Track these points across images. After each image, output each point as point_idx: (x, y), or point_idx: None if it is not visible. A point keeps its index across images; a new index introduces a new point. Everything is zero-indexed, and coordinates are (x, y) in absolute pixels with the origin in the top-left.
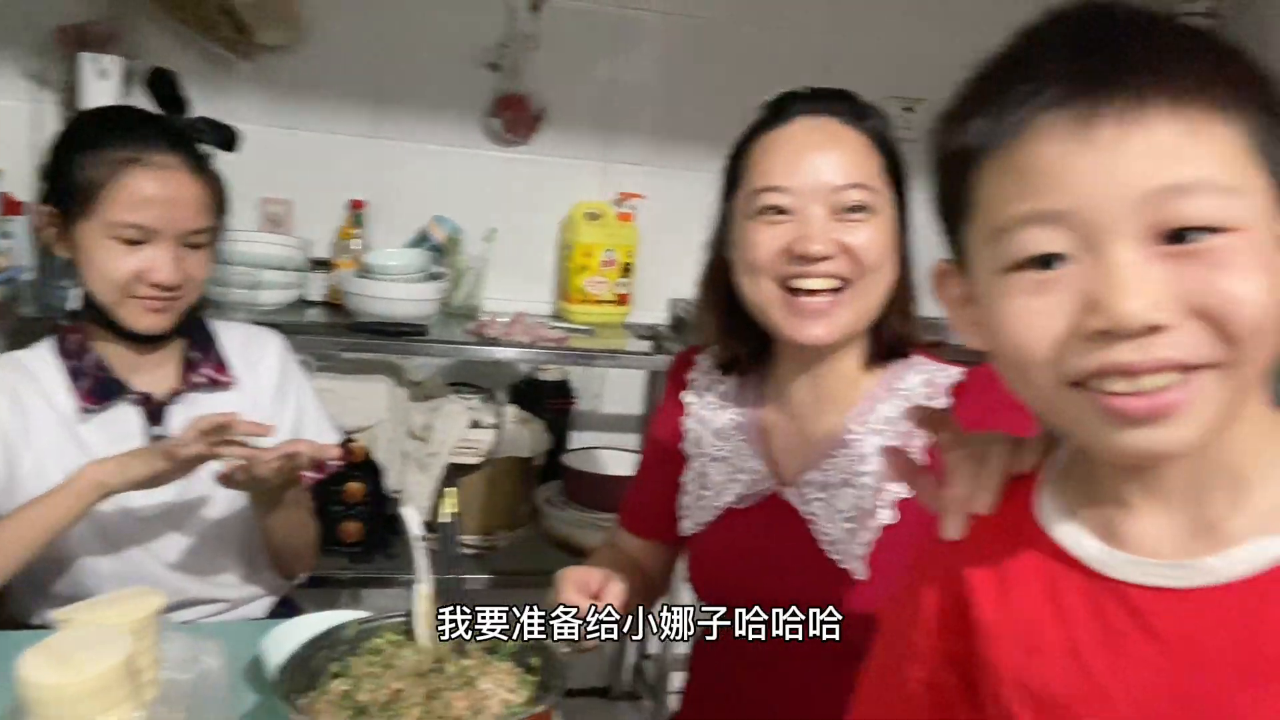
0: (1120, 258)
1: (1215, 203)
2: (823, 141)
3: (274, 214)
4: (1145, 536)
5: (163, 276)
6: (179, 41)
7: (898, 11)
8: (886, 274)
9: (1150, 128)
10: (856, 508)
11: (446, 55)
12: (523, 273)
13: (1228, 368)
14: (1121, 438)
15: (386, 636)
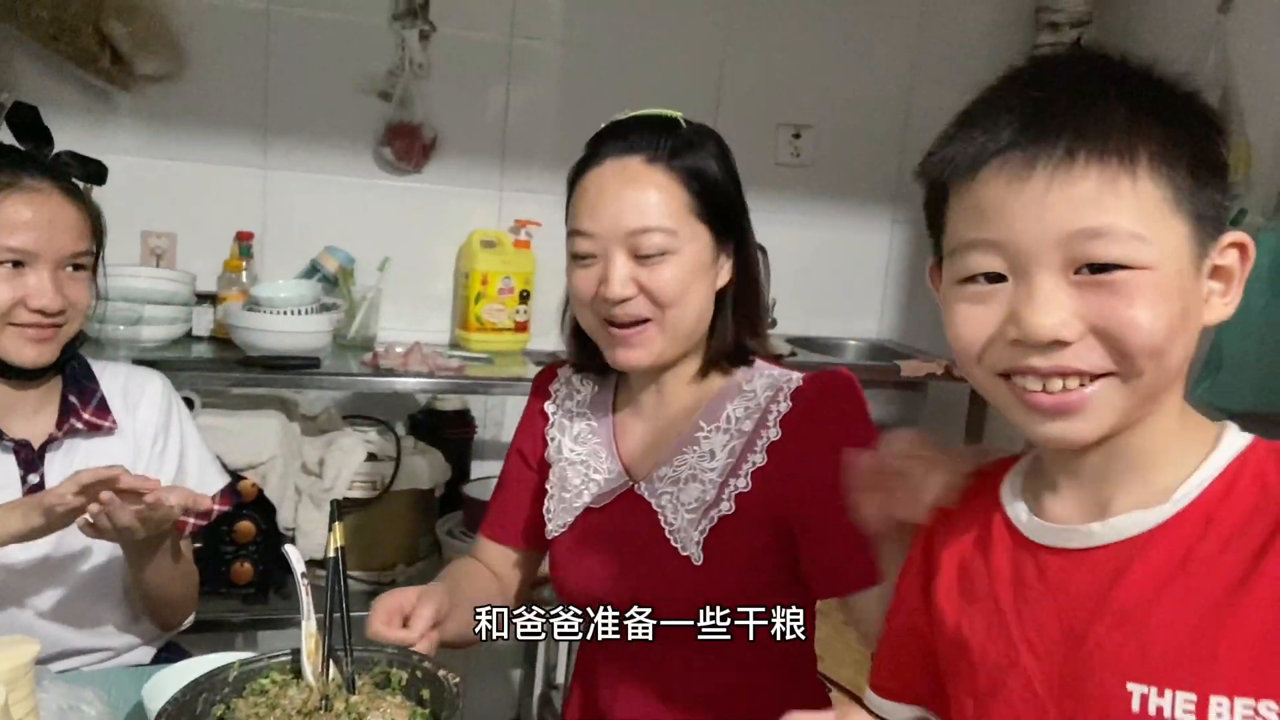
0: (1040, 284)
1: (1124, 247)
2: (622, 186)
3: (157, 247)
4: (1060, 510)
5: (45, 301)
6: (56, 74)
7: (787, 42)
8: (692, 303)
9: (1075, 181)
10: (700, 500)
11: (336, 84)
12: (419, 302)
13: (1124, 378)
14: (1036, 426)
15: (272, 676)
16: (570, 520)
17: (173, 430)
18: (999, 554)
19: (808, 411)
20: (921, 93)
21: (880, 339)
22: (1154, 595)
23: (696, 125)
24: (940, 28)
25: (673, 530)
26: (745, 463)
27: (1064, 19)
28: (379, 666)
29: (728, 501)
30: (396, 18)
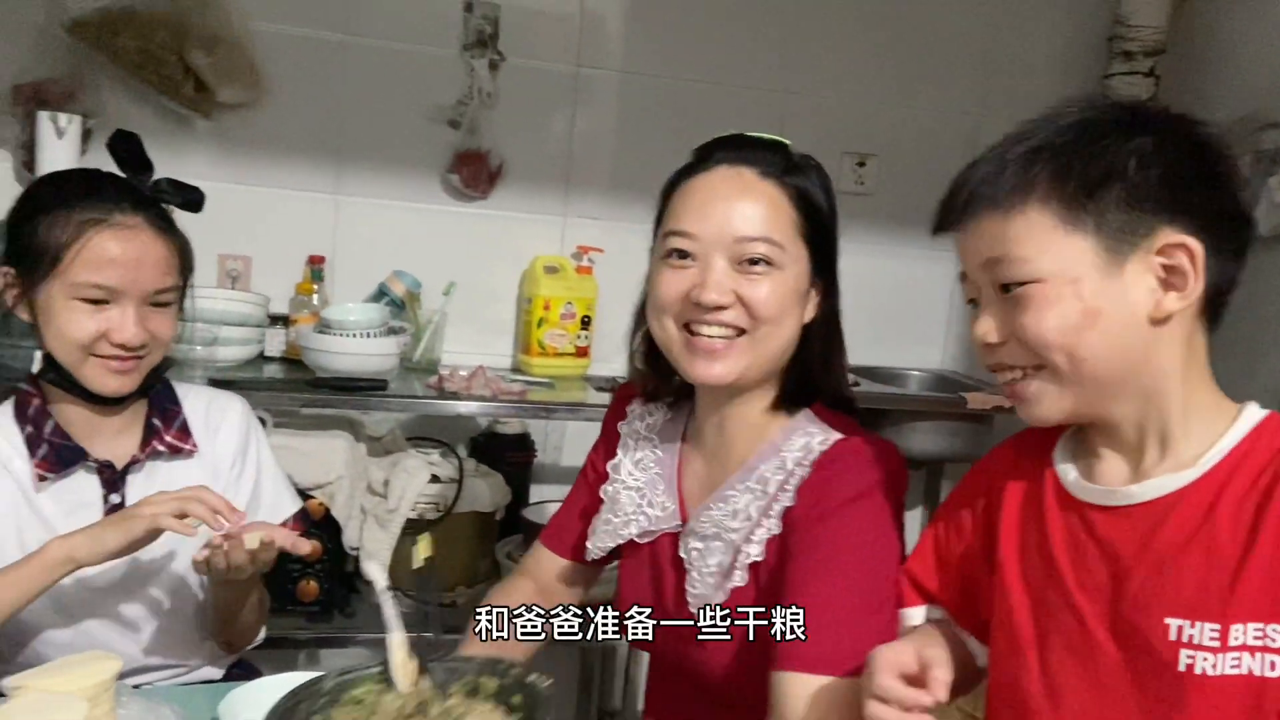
0: (984, 304)
1: (1017, 268)
2: (734, 192)
3: (233, 270)
4: (1105, 474)
5: (126, 337)
6: (138, 99)
7: (851, 71)
8: (785, 326)
9: (983, 224)
10: (720, 565)
11: (406, 112)
12: (482, 326)
13: (1045, 370)
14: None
15: (366, 686)
16: (610, 545)
17: (250, 455)
18: (1051, 510)
19: (820, 482)
20: (989, 121)
21: (944, 370)
22: (1184, 544)
23: (803, 154)
24: (1008, 56)
25: (694, 595)
26: (760, 528)
27: (1138, 48)
28: (468, 676)
29: (741, 571)
30: (467, 48)
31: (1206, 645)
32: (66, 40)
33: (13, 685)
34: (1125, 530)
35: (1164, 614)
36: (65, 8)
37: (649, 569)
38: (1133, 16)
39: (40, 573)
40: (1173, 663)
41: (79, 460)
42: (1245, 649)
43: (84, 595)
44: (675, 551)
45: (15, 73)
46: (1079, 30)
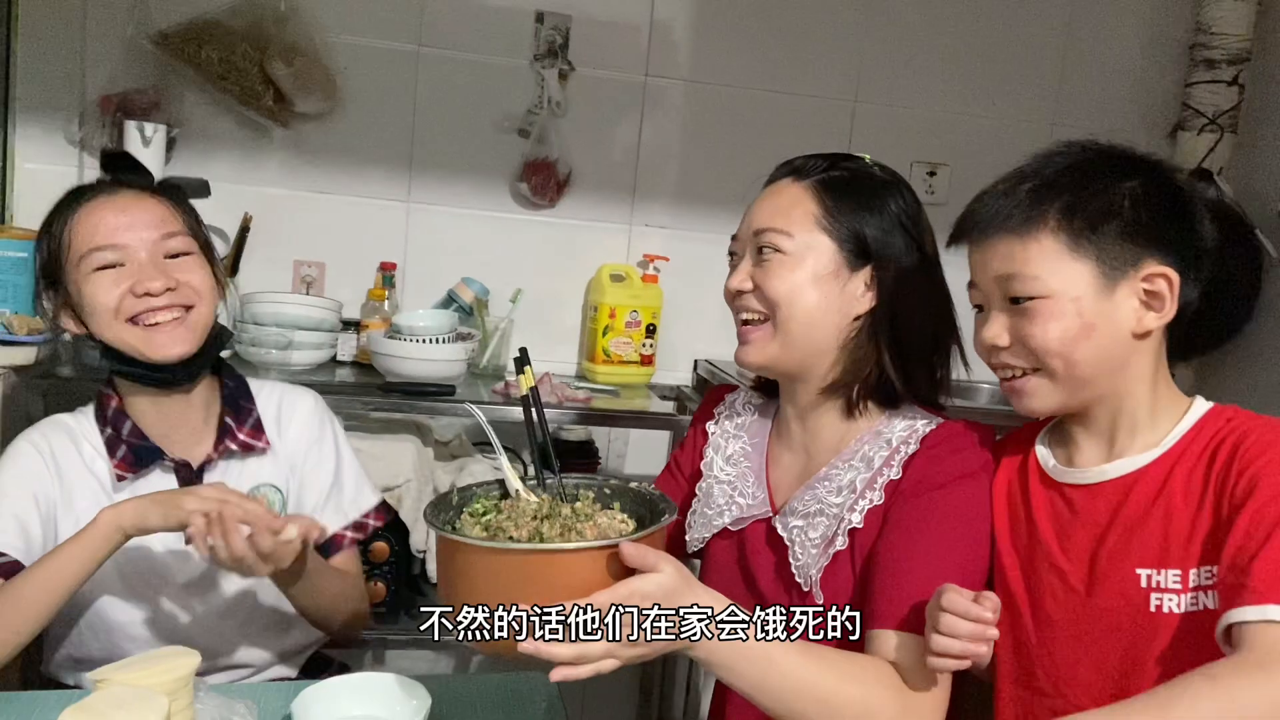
0: (992, 311)
1: (1028, 284)
2: (764, 198)
3: (307, 275)
4: (1081, 457)
5: (148, 284)
6: (219, 109)
7: (921, 80)
8: (802, 309)
9: (997, 244)
10: (823, 535)
11: (477, 121)
12: (548, 333)
13: (1041, 373)
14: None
15: (481, 502)
16: (708, 536)
17: (326, 447)
18: (1035, 490)
19: (929, 458)
20: (1063, 130)
21: None
22: (1149, 507)
23: (881, 168)
24: (1085, 64)
25: (798, 565)
26: (863, 499)
27: (1221, 56)
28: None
29: (842, 537)
30: (537, 58)
31: (1170, 588)
32: (152, 52)
33: (96, 679)
34: (1099, 502)
35: (1135, 565)
36: (151, 21)
37: (741, 553)
38: (1215, 24)
39: (92, 542)
40: (1144, 605)
41: (156, 459)
42: (1200, 589)
43: (159, 593)
44: (770, 535)
45: (103, 84)
46: (1158, 38)
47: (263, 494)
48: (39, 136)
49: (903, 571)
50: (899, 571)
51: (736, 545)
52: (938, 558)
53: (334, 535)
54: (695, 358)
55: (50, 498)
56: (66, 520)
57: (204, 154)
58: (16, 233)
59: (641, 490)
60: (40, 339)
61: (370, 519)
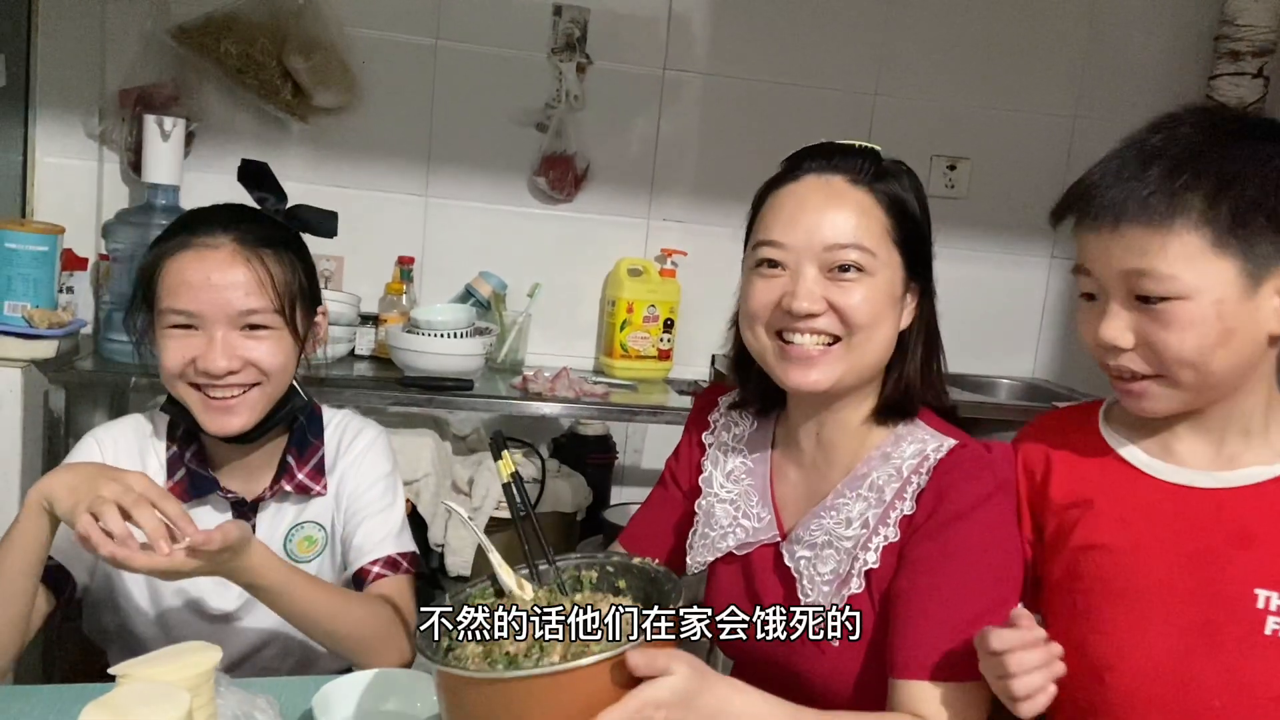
0: (1110, 308)
1: (1164, 284)
2: (823, 201)
3: (326, 270)
4: (1188, 454)
5: (210, 363)
6: (238, 103)
7: (941, 73)
8: (881, 332)
9: (1126, 234)
10: (835, 573)
11: (494, 116)
12: (566, 328)
13: (1165, 380)
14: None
15: (477, 600)
16: (710, 559)
17: (378, 487)
18: (1123, 487)
19: (940, 489)
20: (1086, 124)
21: (1035, 379)
22: (1273, 527)
23: (894, 159)
24: (1108, 56)
25: (808, 602)
26: (877, 536)
27: (1245, 47)
28: (568, 572)
29: (858, 578)
30: (555, 51)
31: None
32: (171, 46)
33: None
34: (1213, 510)
35: (1253, 585)
36: (170, 15)
37: (747, 580)
38: (1240, 16)
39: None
40: (1260, 627)
41: (211, 491)
42: None
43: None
44: (778, 562)
45: (123, 78)
46: (1182, 30)
47: (305, 533)
48: (59, 131)
49: (929, 616)
50: (925, 616)
51: (741, 570)
52: (965, 596)
53: (363, 568)
54: (713, 352)
55: None
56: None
57: (223, 148)
58: (37, 226)
59: (645, 567)
60: (61, 332)
61: (404, 560)
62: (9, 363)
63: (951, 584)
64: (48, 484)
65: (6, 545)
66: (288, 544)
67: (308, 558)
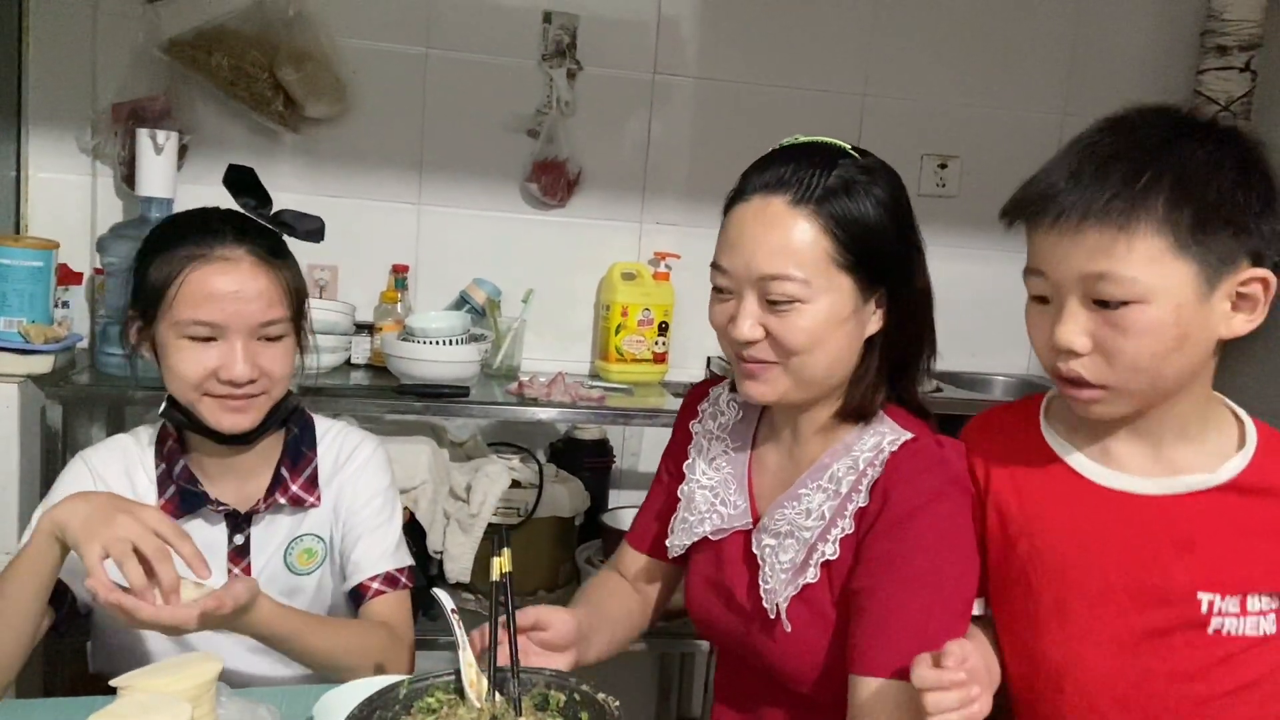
0: (1066, 310)
1: (1124, 287)
2: (761, 229)
3: (320, 279)
4: (1127, 458)
5: (234, 373)
6: (230, 115)
7: (931, 72)
8: (823, 352)
9: (1088, 237)
10: (792, 561)
11: (486, 122)
12: (561, 333)
13: (1113, 388)
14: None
15: (436, 695)
16: (688, 543)
17: (377, 501)
18: (1067, 496)
19: (892, 482)
20: (1075, 121)
21: (1029, 375)
22: (1212, 533)
23: (865, 162)
24: (1095, 53)
25: (767, 590)
26: (835, 528)
27: (1233, 42)
28: (537, 689)
29: (814, 568)
30: (545, 58)
31: (1230, 613)
32: (162, 60)
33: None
34: (1158, 516)
35: (1196, 588)
36: (161, 29)
37: (720, 566)
38: (1226, 10)
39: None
40: (1204, 628)
41: (202, 505)
42: (1260, 613)
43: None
44: (748, 549)
45: (115, 92)
46: (1169, 25)
47: (304, 545)
48: (52, 146)
49: (887, 614)
50: (883, 614)
51: (715, 556)
52: (921, 594)
53: (361, 584)
54: (709, 354)
55: None
56: None
57: (215, 160)
58: (32, 242)
59: (606, 705)
60: (56, 347)
61: (402, 575)
62: (5, 378)
63: (907, 582)
64: (61, 513)
65: (15, 569)
66: (288, 556)
67: (308, 569)
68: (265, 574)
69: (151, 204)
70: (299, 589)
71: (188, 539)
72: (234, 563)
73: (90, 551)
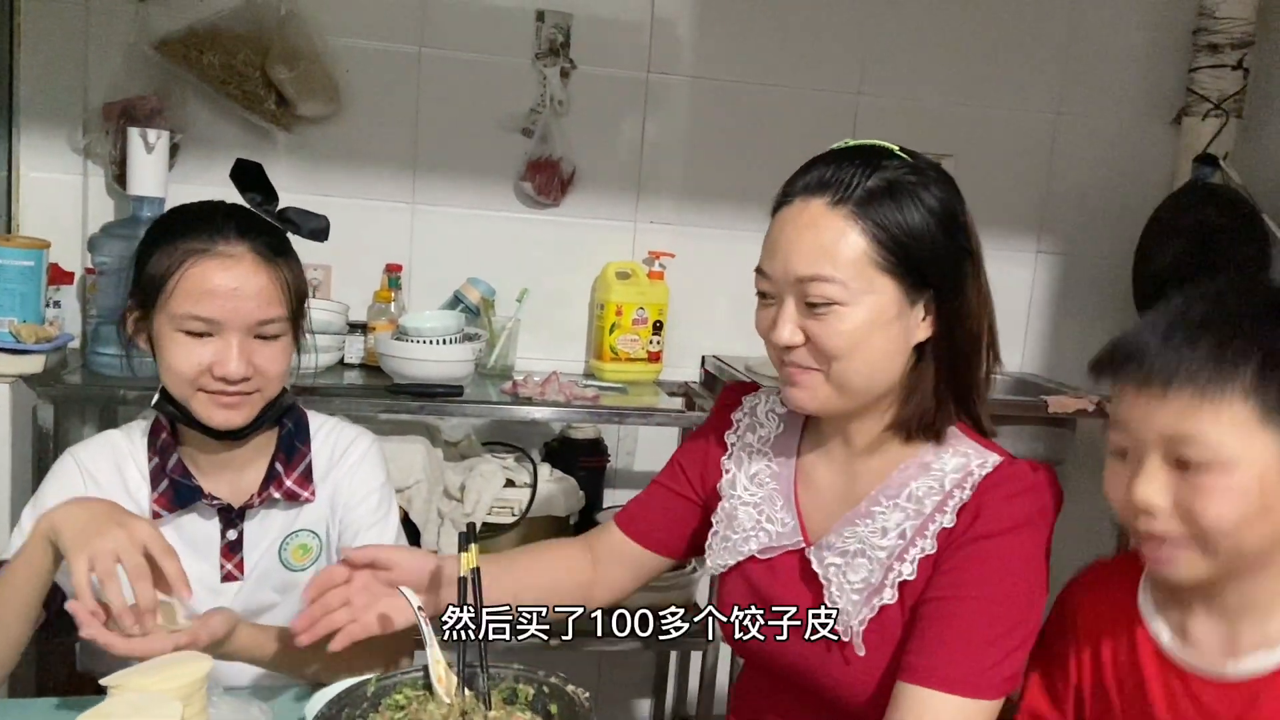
0: (1147, 468)
1: (1208, 451)
2: (798, 231)
3: (313, 279)
4: (1201, 639)
5: (229, 370)
6: (222, 114)
7: (924, 71)
8: (864, 358)
9: (1174, 399)
10: (866, 581)
11: (480, 122)
12: (555, 332)
13: (1200, 548)
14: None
15: (404, 692)
16: (732, 563)
17: (373, 498)
18: (1149, 666)
19: (983, 505)
20: (1068, 119)
21: (1024, 373)
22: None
23: (914, 163)
24: (1088, 52)
25: (838, 610)
26: (914, 547)
27: (1225, 40)
28: (505, 682)
29: (891, 589)
30: (539, 57)
31: None
32: (154, 58)
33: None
34: (1225, 701)
35: None
36: (152, 28)
37: (768, 585)
38: (1218, 8)
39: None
40: None
41: (196, 499)
42: None
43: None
44: (804, 568)
45: (106, 91)
46: (1161, 24)
47: (300, 540)
48: (43, 145)
49: (951, 628)
50: (947, 627)
51: (763, 575)
52: (990, 614)
53: None
54: (703, 354)
55: None
56: None
57: (208, 160)
58: (22, 241)
59: (575, 698)
60: (48, 347)
61: None
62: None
63: (977, 600)
64: (57, 517)
65: (11, 572)
66: (282, 552)
67: (303, 566)
68: (259, 569)
69: (143, 203)
70: (294, 585)
71: (174, 558)
72: (227, 558)
73: (77, 565)
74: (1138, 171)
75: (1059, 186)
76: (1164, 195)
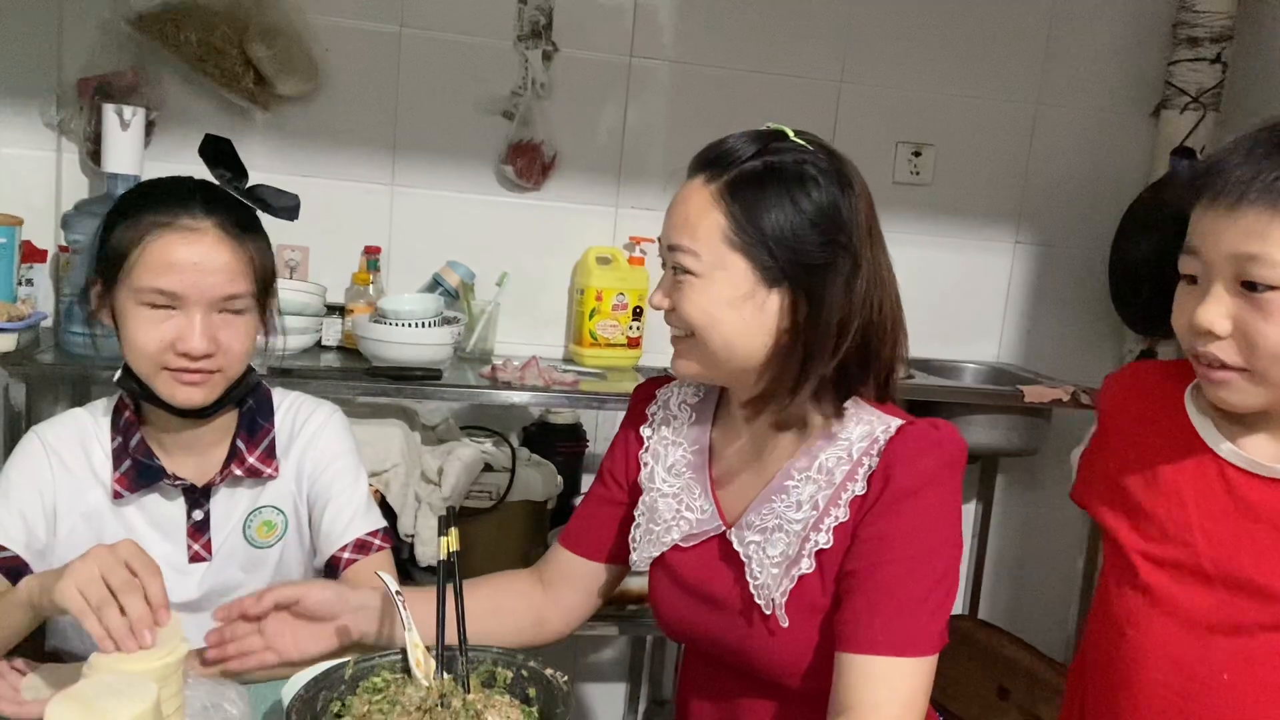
0: (1212, 292)
1: (1274, 271)
2: (676, 203)
3: (291, 260)
4: (1255, 449)
5: (191, 345)
6: (199, 92)
7: (906, 60)
8: (721, 331)
9: (1244, 215)
10: (784, 554)
11: (461, 104)
12: (535, 317)
13: (1251, 375)
14: (1208, 390)
15: (383, 675)
16: (655, 554)
17: (338, 464)
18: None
19: (891, 469)
20: (1048, 110)
21: (1000, 363)
22: None
23: (806, 155)
24: (1069, 44)
25: (757, 585)
26: (828, 516)
27: (1204, 34)
28: (484, 665)
29: (808, 559)
30: (521, 39)
31: None
32: (130, 34)
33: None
34: (1263, 495)
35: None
36: (129, 2)
37: (693, 571)
38: (1198, 2)
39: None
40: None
41: (158, 479)
42: None
43: None
44: (725, 549)
45: (81, 66)
46: (1141, 16)
47: (264, 517)
48: (16, 120)
49: (880, 592)
50: (876, 593)
51: (688, 562)
52: (916, 573)
53: (333, 556)
54: None
55: (51, 498)
56: (65, 522)
57: (184, 137)
58: None
59: (553, 681)
60: (20, 326)
61: (375, 539)
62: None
63: (902, 561)
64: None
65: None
66: (247, 529)
67: (268, 543)
68: (225, 548)
69: (118, 181)
70: (261, 562)
71: (158, 577)
72: (194, 538)
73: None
74: (1116, 163)
75: (1038, 177)
76: (1141, 187)
